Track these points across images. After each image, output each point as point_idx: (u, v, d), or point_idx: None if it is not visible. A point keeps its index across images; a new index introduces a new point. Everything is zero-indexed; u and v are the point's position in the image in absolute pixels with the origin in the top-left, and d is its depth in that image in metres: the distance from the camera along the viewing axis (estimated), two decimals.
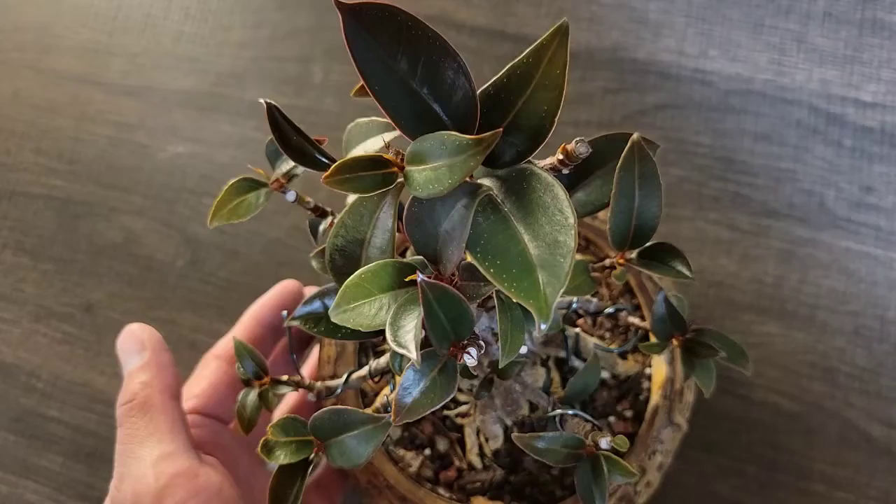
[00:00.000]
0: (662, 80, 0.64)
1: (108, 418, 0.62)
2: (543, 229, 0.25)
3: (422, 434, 0.49)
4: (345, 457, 0.34)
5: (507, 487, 0.48)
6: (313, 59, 0.69)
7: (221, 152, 0.68)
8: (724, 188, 0.60)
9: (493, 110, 0.27)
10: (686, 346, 0.39)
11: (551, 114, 0.26)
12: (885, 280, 0.57)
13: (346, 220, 0.31)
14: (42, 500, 0.61)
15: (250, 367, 0.39)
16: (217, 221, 0.36)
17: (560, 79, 0.25)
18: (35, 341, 0.66)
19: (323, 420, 0.34)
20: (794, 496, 0.54)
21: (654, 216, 0.32)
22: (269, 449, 0.34)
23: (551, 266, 0.24)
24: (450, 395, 0.27)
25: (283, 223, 0.65)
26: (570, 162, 0.27)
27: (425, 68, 0.26)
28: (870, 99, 0.61)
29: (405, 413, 0.27)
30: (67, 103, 0.73)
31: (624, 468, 0.35)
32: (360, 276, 0.27)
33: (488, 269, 0.25)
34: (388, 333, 0.26)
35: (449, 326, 0.26)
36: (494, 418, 0.46)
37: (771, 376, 0.56)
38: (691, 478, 0.55)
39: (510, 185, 0.27)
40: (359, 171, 0.26)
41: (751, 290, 0.58)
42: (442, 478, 0.48)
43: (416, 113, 0.26)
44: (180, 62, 0.72)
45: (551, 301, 0.23)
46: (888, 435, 0.54)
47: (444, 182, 0.24)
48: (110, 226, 0.68)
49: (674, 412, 0.47)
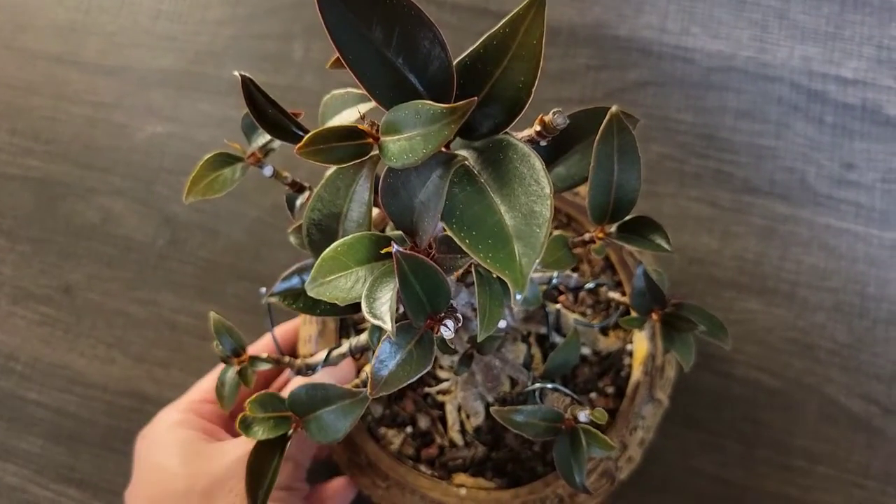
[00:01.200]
0: (644, 57, 0.64)
1: (88, 400, 0.62)
2: (520, 200, 0.25)
3: (403, 412, 0.49)
4: (323, 432, 0.33)
5: (489, 464, 0.48)
6: (293, 37, 0.68)
7: (200, 131, 0.67)
8: (705, 165, 0.60)
9: (469, 81, 0.27)
10: (665, 320, 0.39)
11: (528, 85, 0.26)
12: (865, 256, 0.57)
13: (322, 193, 0.31)
14: (22, 482, 0.60)
15: (229, 344, 0.39)
16: (193, 197, 0.35)
17: (537, 49, 0.25)
18: (13, 323, 0.65)
19: (300, 395, 0.34)
20: (775, 471, 0.54)
21: (633, 189, 0.32)
22: (248, 425, 0.34)
23: (527, 236, 0.24)
24: (426, 367, 0.27)
25: (263, 202, 0.65)
26: (548, 133, 0.27)
27: (400, 38, 0.25)
28: (851, 76, 0.61)
29: (382, 386, 0.26)
30: (43, 83, 0.71)
31: (602, 441, 0.35)
32: (336, 250, 0.27)
33: (464, 239, 0.25)
34: (364, 305, 0.26)
35: (425, 298, 0.26)
36: (475, 395, 0.46)
37: (751, 352, 0.56)
38: (672, 453, 0.55)
39: (487, 156, 0.27)
40: (333, 141, 0.26)
41: (732, 266, 0.58)
42: (423, 455, 0.48)
43: (392, 83, 0.26)
44: (158, 41, 0.71)
45: (527, 271, 0.23)
46: (867, 410, 0.54)
47: (418, 152, 0.24)
48: (88, 206, 0.67)
49: (655, 388, 0.47)
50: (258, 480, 0.34)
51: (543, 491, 0.46)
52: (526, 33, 0.25)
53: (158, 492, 0.44)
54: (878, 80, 0.60)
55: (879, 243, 0.57)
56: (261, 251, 0.63)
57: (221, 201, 0.65)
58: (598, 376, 0.49)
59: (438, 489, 0.46)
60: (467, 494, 0.46)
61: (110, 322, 0.64)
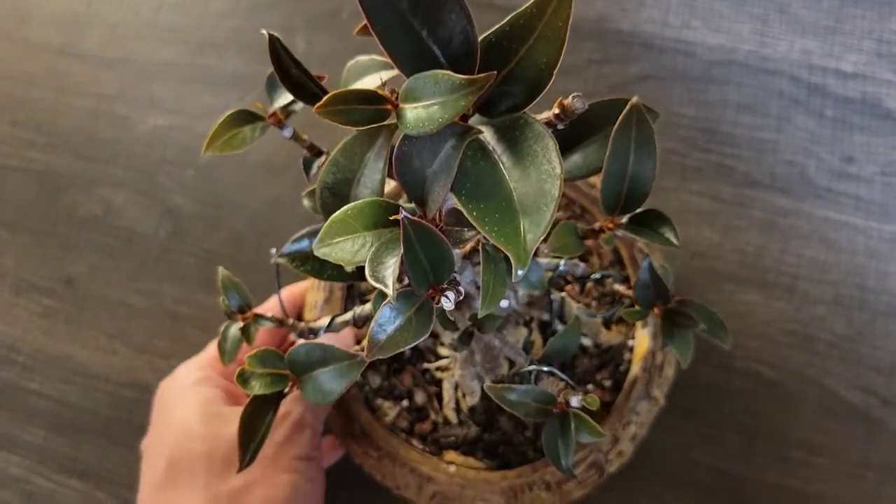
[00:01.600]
0: (646, 51, 0.64)
1: (90, 391, 0.62)
2: (531, 177, 0.25)
3: (401, 385, 0.50)
4: (317, 392, 0.34)
5: (480, 444, 0.48)
6: (295, 29, 0.68)
7: (202, 123, 0.67)
8: (707, 159, 0.61)
9: (493, 58, 0.27)
10: (667, 315, 0.39)
11: (550, 66, 0.26)
12: (864, 249, 0.57)
13: (338, 158, 0.31)
14: (25, 472, 0.60)
15: (235, 301, 0.39)
16: (210, 152, 0.35)
17: (562, 31, 0.25)
18: (15, 315, 0.65)
19: (299, 354, 0.34)
20: (775, 463, 0.54)
21: (647, 181, 0.32)
22: (245, 379, 0.34)
23: (534, 213, 0.24)
24: (424, 335, 0.27)
25: (265, 194, 0.65)
26: (566, 117, 0.27)
27: (427, 9, 0.26)
28: (851, 69, 0.61)
29: (378, 349, 0.26)
30: (45, 75, 0.72)
31: (592, 427, 0.35)
32: (345, 212, 0.27)
33: (472, 212, 0.25)
34: (368, 269, 0.26)
35: (429, 267, 0.26)
36: (473, 374, 0.47)
37: (752, 345, 0.57)
38: (672, 445, 0.55)
39: (503, 132, 0.27)
40: (352, 103, 0.26)
41: (733, 260, 0.59)
42: (417, 429, 0.49)
43: (416, 53, 0.26)
44: (160, 32, 0.71)
45: (530, 248, 0.23)
46: (866, 401, 0.55)
47: (434, 120, 0.24)
48: (90, 198, 0.67)
49: (652, 385, 0.47)
50: (251, 434, 0.35)
51: (532, 476, 0.46)
52: (553, 14, 0.25)
53: (178, 452, 0.44)
54: (878, 74, 0.61)
55: (879, 236, 0.58)
56: (262, 242, 0.63)
57: (223, 192, 0.66)
58: (597, 368, 0.50)
59: (428, 464, 0.47)
60: (456, 472, 0.47)
61: (112, 313, 0.64)
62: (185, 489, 0.43)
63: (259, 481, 0.44)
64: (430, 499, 0.46)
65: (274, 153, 0.66)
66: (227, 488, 0.43)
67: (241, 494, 0.43)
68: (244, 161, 0.66)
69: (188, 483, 0.43)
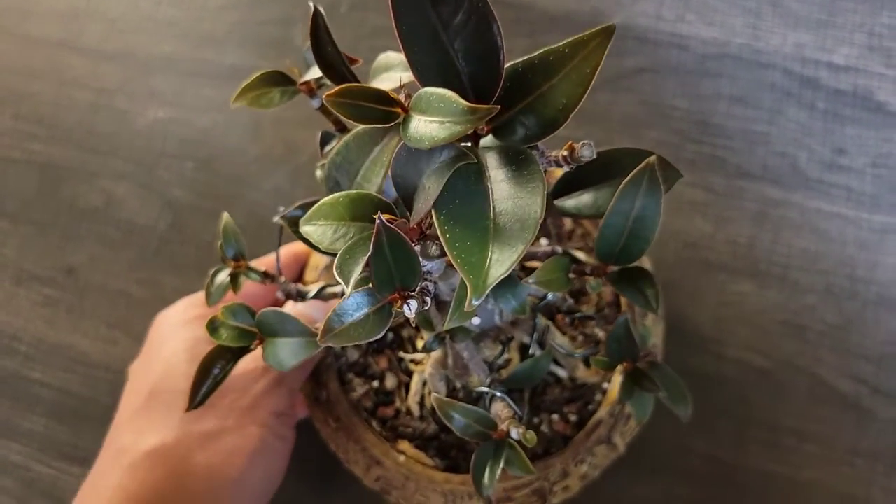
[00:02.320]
0: (640, 45, 0.65)
1: (91, 379, 0.63)
2: (513, 214, 0.25)
3: (376, 366, 0.51)
4: (274, 358, 0.35)
5: (435, 443, 0.49)
6: (294, 22, 0.69)
7: (202, 116, 0.68)
8: (699, 151, 0.61)
9: (516, 87, 0.27)
10: (632, 374, 0.38)
11: (569, 108, 0.26)
12: (855, 240, 0.58)
13: (350, 142, 0.31)
14: (26, 460, 0.61)
15: (232, 249, 0.39)
16: (239, 102, 0.36)
17: (588, 78, 0.25)
18: (17, 304, 0.66)
19: (268, 317, 0.35)
20: (766, 450, 0.55)
21: (646, 241, 0.31)
22: (215, 327, 0.35)
23: (503, 250, 0.24)
24: (376, 335, 0.27)
25: (263, 186, 0.66)
26: (572, 161, 0.27)
27: (461, 24, 0.26)
28: (843, 62, 0.62)
29: (331, 336, 0.26)
30: (46, 68, 0.72)
31: (523, 462, 0.34)
32: (337, 198, 0.28)
33: (445, 233, 0.25)
34: (337, 260, 0.26)
35: (396, 273, 0.26)
36: (442, 376, 0.47)
37: (743, 334, 0.57)
38: (665, 433, 0.56)
39: (507, 160, 0.27)
40: (361, 100, 0.26)
41: (725, 250, 0.59)
42: (379, 413, 0.50)
43: (438, 64, 0.26)
44: (160, 27, 0.72)
45: (490, 282, 0.23)
46: (856, 390, 0.56)
47: (431, 139, 0.24)
48: (91, 189, 0.68)
49: (615, 432, 0.47)
50: (204, 379, 0.36)
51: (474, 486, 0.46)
52: (584, 59, 0.25)
53: (162, 385, 0.46)
54: (870, 67, 0.61)
55: (869, 227, 0.58)
56: (261, 234, 0.64)
57: (222, 185, 0.66)
58: (567, 401, 0.50)
59: (380, 448, 0.48)
60: (404, 462, 0.47)
61: (113, 303, 0.64)
62: (161, 420, 0.45)
63: (231, 429, 0.45)
64: (375, 481, 0.48)
65: (272, 146, 0.67)
66: (200, 429, 0.45)
67: (211, 438, 0.45)
68: (243, 154, 0.67)
69: (165, 415, 0.45)
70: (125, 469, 0.43)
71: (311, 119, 0.66)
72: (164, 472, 0.43)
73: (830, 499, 0.54)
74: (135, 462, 0.44)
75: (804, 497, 0.54)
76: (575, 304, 0.50)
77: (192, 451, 0.44)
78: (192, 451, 0.44)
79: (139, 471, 0.43)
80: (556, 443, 0.49)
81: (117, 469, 0.44)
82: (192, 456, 0.44)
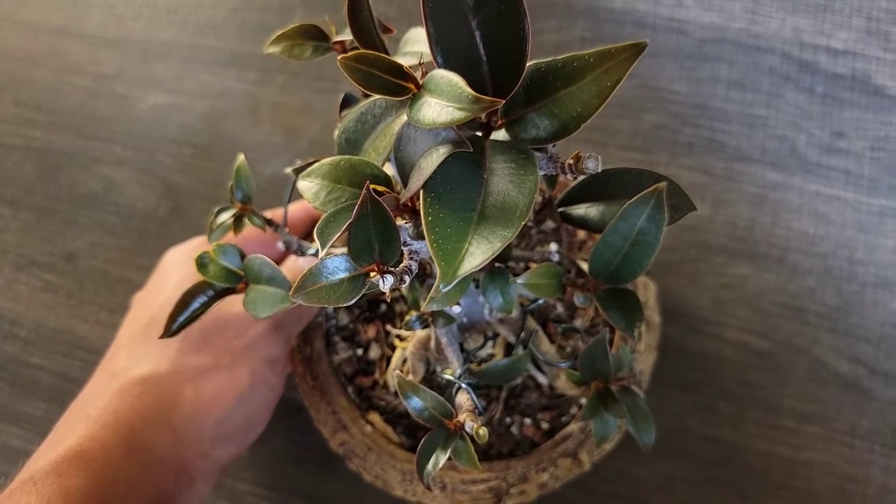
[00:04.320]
0: (639, 30, 0.65)
1: (91, 365, 0.62)
2: (498, 211, 0.25)
3: (364, 335, 0.51)
4: (252, 304, 0.35)
5: (404, 421, 0.49)
6: (293, 10, 0.69)
7: (201, 102, 0.68)
8: (698, 134, 0.62)
9: (535, 86, 0.27)
10: (600, 394, 0.37)
11: (582, 118, 0.26)
12: (853, 222, 0.58)
13: (366, 108, 0.31)
14: (27, 445, 0.61)
15: (241, 192, 0.39)
16: (272, 48, 0.35)
17: (607, 91, 0.25)
18: (16, 290, 0.66)
19: (255, 263, 0.35)
20: (765, 431, 0.55)
21: (640, 267, 0.31)
22: (204, 264, 0.35)
23: (480, 243, 0.24)
24: (346, 302, 0.27)
25: (264, 171, 0.66)
26: (577, 171, 0.27)
27: (491, 14, 0.25)
28: (841, 46, 0.62)
29: (302, 294, 0.26)
30: (45, 54, 0.72)
31: (470, 457, 0.33)
32: (338, 161, 0.28)
33: (428, 216, 0.24)
34: (321, 221, 0.26)
35: (377, 245, 0.26)
36: (423, 356, 0.47)
37: (743, 316, 0.58)
38: (665, 414, 0.56)
39: (508, 156, 0.27)
40: (375, 69, 0.26)
41: (724, 233, 0.59)
42: (357, 380, 0.50)
43: (460, 47, 0.26)
44: (159, 13, 0.72)
45: (461, 273, 0.23)
46: (855, 371, 0.56)
47: (431, 121, 0.24)
48: (90, 175, 0.68)
49: (583, 448, 0.47)
50: (182, 310, 0.36)
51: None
52: (606, 72, 0.25)
53: (162, 316, 0.46)
54: (868, 51, 0.61)
55: (868, 209, 0.58)
56: None
57: (222, 170, 0.66)
58: (543, 409, 0.50)
59: (350, 414, 0.48)
60: (370, 433, 0.48)
61: (112, 288, 0.65)
62: (157, 349, 0.46)
63: (223, 367, 0.46)
64: (339, 445, 0.48)
65: (271, 132, 0.67)
66: (193, 363, 0.45)
67: (203, 373, 0.45)
68: (242, 140, 0.67)
69: (161, 345, 0.46)
70: (115, 391, 0.44)
71: (310, 106, 0.66)
72: (152, 399, 0.44)
73: (829, 479, 0.54)
74: (125, 386, 0.44)
75: (803, 477, 0.54)
76: (568, 316, 0.50)
77: (182, 383, 0.45)
78: (182, 384, 0.45)
79: (128, 395, 0.44)
80: (524, 446, 0.48)
81: (107, 391, 0.45)
82: (181, 388, 0.45)
